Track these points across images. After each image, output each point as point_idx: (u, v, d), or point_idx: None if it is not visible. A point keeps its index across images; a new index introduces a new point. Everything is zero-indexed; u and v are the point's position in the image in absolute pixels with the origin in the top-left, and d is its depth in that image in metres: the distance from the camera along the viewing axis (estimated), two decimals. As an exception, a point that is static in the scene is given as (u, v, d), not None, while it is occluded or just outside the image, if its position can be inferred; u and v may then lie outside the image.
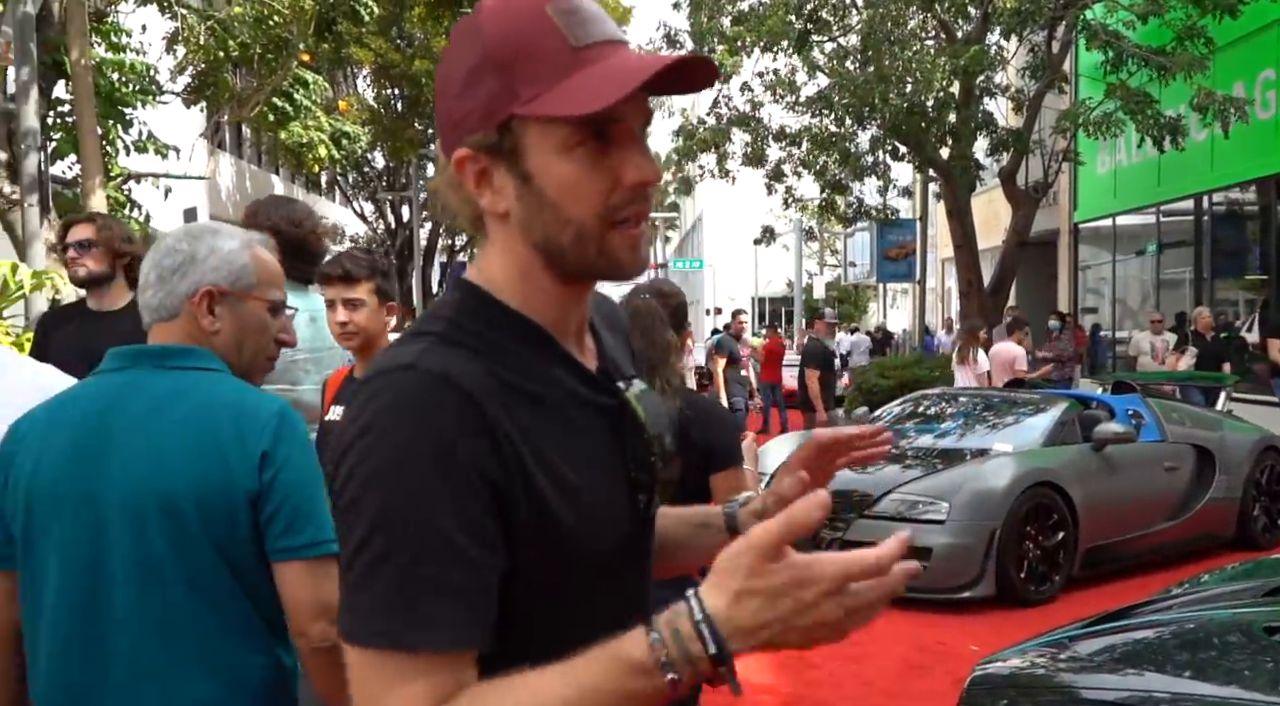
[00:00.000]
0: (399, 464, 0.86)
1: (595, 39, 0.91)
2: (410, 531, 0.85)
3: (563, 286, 0.97)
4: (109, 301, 3.47)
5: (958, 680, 4.50)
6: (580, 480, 0.94)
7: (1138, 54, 11.96)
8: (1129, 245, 16.85)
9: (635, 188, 0.93)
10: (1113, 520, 6.32)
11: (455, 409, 0.87)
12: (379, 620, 0.85)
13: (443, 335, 0.94)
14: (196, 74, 11.28)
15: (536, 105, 0.89)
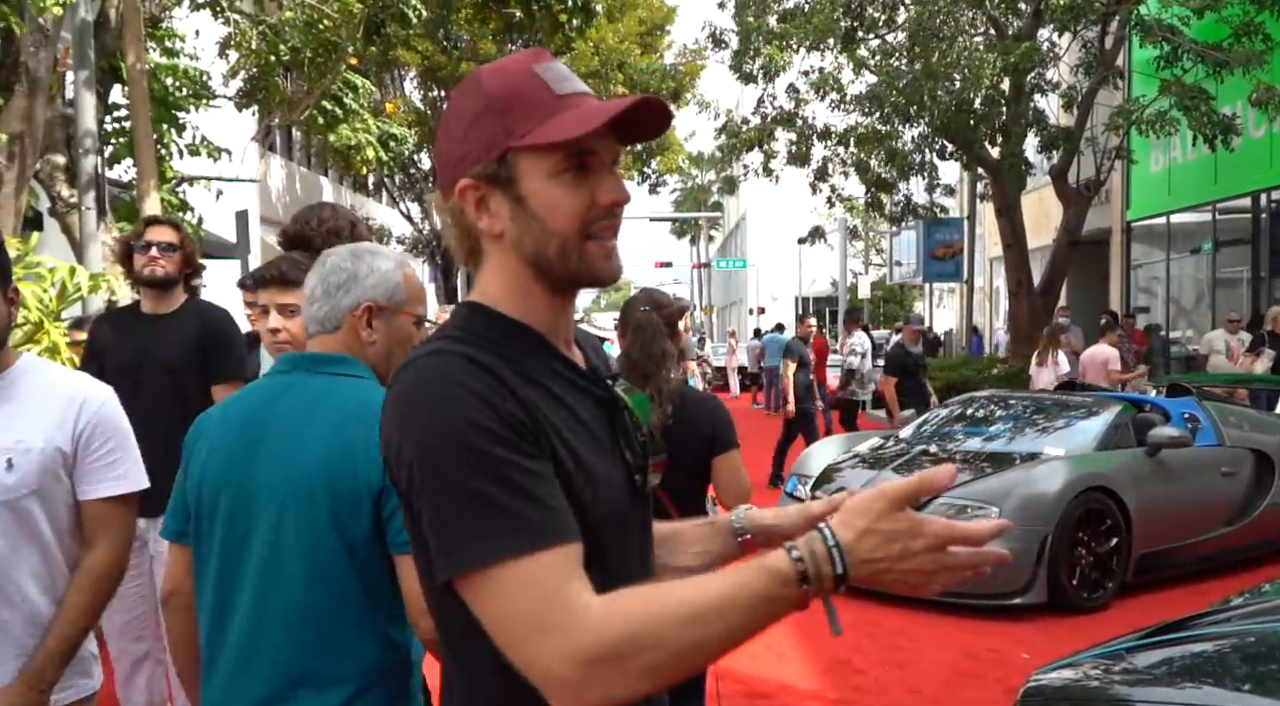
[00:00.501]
0: (450, 419, 1.00)
1: (571, 91, 1.12)
2: (479, 470, 0.99)
3: (552, 296, 1.15)
4: (165, 305, 3.53)
5: (1008, 689, 4.44)
6: (585, 453, 1.09)
7: (1193, 49, 11.68)
8: (1183, 244, 16.48)
9: (608, 206, 1.12)
10: (1168, 526, 6.18)
11: (483, 378, 1.03)
12: (498, 537, 0.97)
13: (455, 338, 1.10)
14: (248, 78, 11.47)
15: (529, 138, 1.09)
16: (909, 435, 7.27)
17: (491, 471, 0.99)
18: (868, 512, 0.99)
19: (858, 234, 30.65)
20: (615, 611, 0.97)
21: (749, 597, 0.97)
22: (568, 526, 1.01)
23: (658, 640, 0.96)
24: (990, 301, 26.11)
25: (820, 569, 0.98)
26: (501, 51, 21.57)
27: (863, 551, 0.98)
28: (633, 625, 0.96)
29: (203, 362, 3.48)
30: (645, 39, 21.94)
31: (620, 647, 0.95)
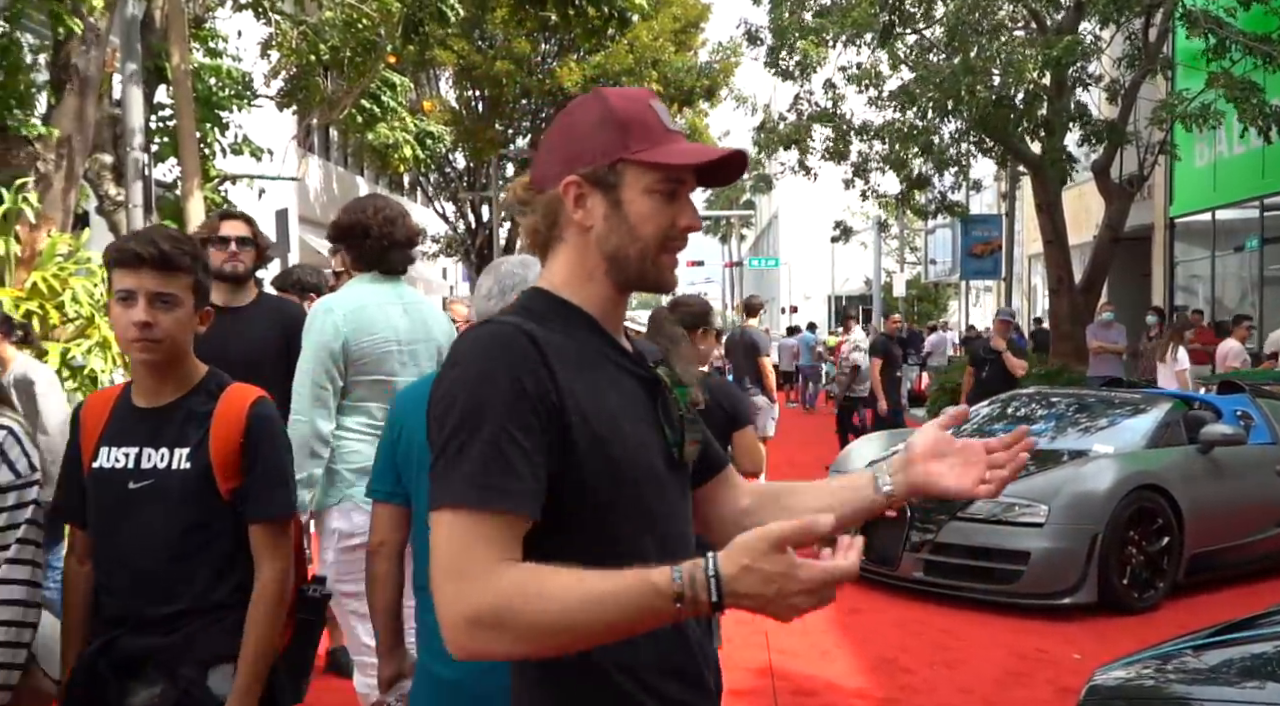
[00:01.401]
0: (481, 383, 1.19)
1: (676, 129, 1.35)
2: (487, 429, 1.16)
3: (614, 290, 1.34)
4: (240, 298, 3.54)
5: (1059, 689, 4.38)
6: (622, 419, 1.26)
7: (1241, 41, 11.45)
8: (1228, 240, 16.17)
9: (684, 229, 1.33)
10: (1220, 525, 6.05)
11: (523, 348, 1.21)
12: (464, 489, 1.15)
13: (518, 313, 1.30)
14: (289, 78, 11.58)
15: (642, 154, 1.29)
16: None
17: (487, 434, 1.16)
18: (751, 551, 1.08)
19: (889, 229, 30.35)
20: (510, 582, 1.12)
21: (626, 603, 1.10)
22: (523, 500, 1.16)
23: (534, 618, 1.10)
24: (1028, 299, 25.79)
25: (696, 594, 1.09)
26: (536, 51, 21.65)
27: (740, 586, 1.09)
28: (516, 600, 1.10)
29: (286, 356, 3.43)
30: (679, 37, 21.88)
31: (500, 614, 1.11)
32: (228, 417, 1.97)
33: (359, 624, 3.02)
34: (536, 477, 1.18)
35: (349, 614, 3.05)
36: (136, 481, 1.95)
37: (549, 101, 22.13)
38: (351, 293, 3.06)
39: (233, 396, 2.01)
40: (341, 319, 2.98)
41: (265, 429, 2.00)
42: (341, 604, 3.04)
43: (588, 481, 1.22)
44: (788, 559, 1.08)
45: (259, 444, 1.98)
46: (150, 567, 1.93)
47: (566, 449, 1.20)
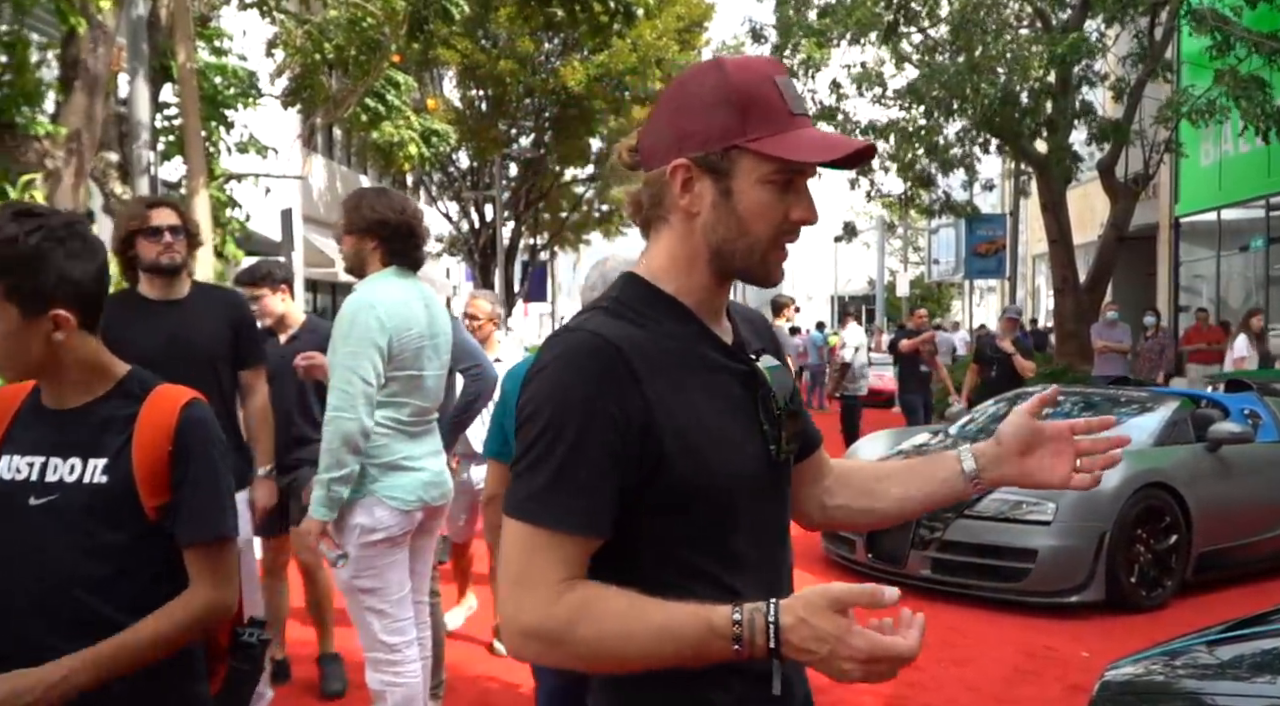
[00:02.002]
0: (561, 396, 1.16)
1: (802, 111, 1.23)
2: (562, 447, 1.14)
3: (713, 278, 1.26)
4: (175, 290, 3.34)
5: (1068, 686, 4.37)
6: (714, 423, 1.21)
7: (1247, 38, 11.43)
8: (1233, 240, 16.14)
9: (798, 223, 1.24)
10: (1229, 523, 6.04)
11: (606, 361, 1.16)
12: (535, 505, 1.15)
13: (608, 309, 1.24)
14: (294, 77, 11.59)
15: (760, 145, 1.19)
16: (955, 431, 7.17)
17: (561, 452, 1.14)
18: (810, 605, 1.08)
19: (894, 229, 30.36)
20: (568, 605, 1.13)
21: (682, 639, 1.10)
22: (590, 522, 1.16)
23: (589, 642, 1.12)
24: (1032, 299, 25.76)
25: (755, 638, 1.09)
26: (539, 50, 21.65)
27: (794, 638, 1.08)
28: (572, 623, 1.12)
29: (235, 348, 3.44)
30: (683, 35, 21.88)
31: (555, 634, 1.13)
32: (154, 422, 1.66)
33: (375, 620, 3.02)
34: (608, 497, 1.16)
35: (365, 611, 3.04)
36: (39, 496, 1.62)
37: (552, 100, 22.14)
38: (385, 287, 3.04)
39: (160, 399, 1.70)
40: (385, 314, 2.95)
41: (199, 435, 1.69)
42: (359, 600, 3.03)
43: (675, 489, 1.18)
44: (843, 623, 1.07)
45: (191, 452, 1.67)
46: (55, 602, 1.60)
47: (653, 461, 1.17)
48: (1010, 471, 1.41)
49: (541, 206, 26.62)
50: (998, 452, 1.41)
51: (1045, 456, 1.40)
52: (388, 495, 3.01)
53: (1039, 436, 1.39)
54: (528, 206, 25.75)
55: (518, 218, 25.70)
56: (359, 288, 3.07)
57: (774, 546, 1.30)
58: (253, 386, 3.57)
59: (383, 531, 3.00)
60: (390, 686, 3.06)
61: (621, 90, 21.59)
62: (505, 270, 24.88)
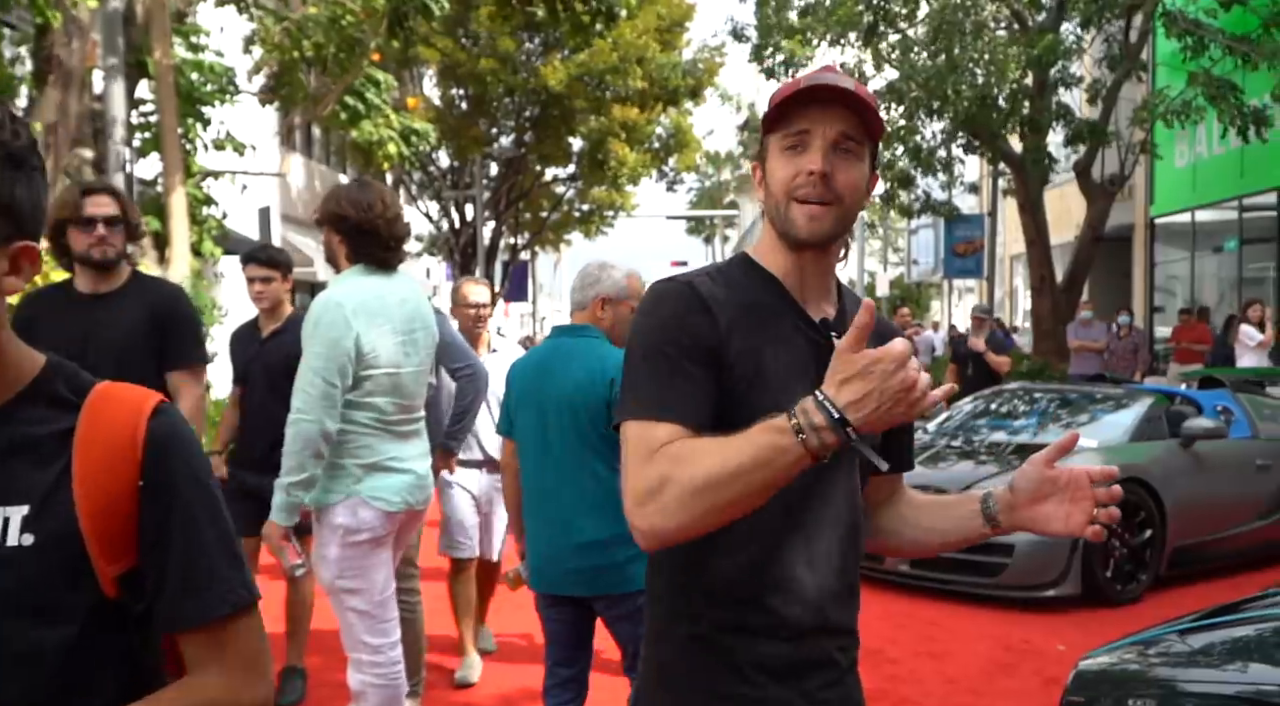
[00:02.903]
0: (648, 324, 1.39)
1: (814, 83, 1.37)
2: (651, 359, 1.36)
3: (790, 253, 1.43)
4: (109, 283, 3.10)
5: (1045, 679, 4.41)
6: (777, 369, 1.37)
7: (1221, 40, 11.57)
8: (1207, 241, 16.33)
9: (806, 175, 1.37)
10: (1202, 518, 6.11)
11: (684, 297, 1.38)
12: (634, 406, 1.35)
13: (708, 272, 1.45)
14: (271, 74, 11.52)
15: (768, 127, 1.41)
16: (934, 428, 7.22)
17: (656, 361, 1.35)
18: (835, 370, 1.20)
19: (876, 229, 30.47)
20: (664, 455, 1.28)
21: (757, 448, 1.21)
22: (683, 410, 1.32)
23: (684, 481, 1.24)
24: (1010, 299, 25.95)
25: (812, 420, 1.18)
26: (520, 49, 21.61)
27: (848, 395, 1.17)
28: (667, 469, 1.26)
29: (153, 343, 3.08)
30: (664, 35, 21.89)
31: (655, 485, 1.26)
32: (105, 442, 1.07)
33: (358, 621, 2.99)
34: (696, 391, 1.33)
35: (348, 611, 3.00)
36: None
37: (533, 100, 22.09)
38: (355, 286, 2.97)
39: (108, 404, 1.10)
40: (351, 312, 2.88)
41: (180, 455, 1.10)
42: (341, 601, 2.99)
43: (736, 425, 1.27)
44: (864, 353, 1.18)
45: (174, 484, 1.08)
46: None
47: (721, 386, 1.35)
48: (1023, 517, 1.44)
49: (522, 206, 26.56)
50: (1010, 500, 1.45)
51: (1062, 503, 1.41)
52: (372, 496, 2.96)
53: (1053, 484, 1.41)
54: (508, 206, 25.69)
55: (498, 217, 25.63)
56: (329, 285, 3.04)
57: (828, 508, 1.42)
58: (180, 389, 3.16)
59: (366, 532, 2.95)
60: (371, 686, 3.02)
61: (603, 89, 21.58)
62: (486, 270, 24.81)
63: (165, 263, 8.45)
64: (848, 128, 1.36)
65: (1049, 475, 1.41)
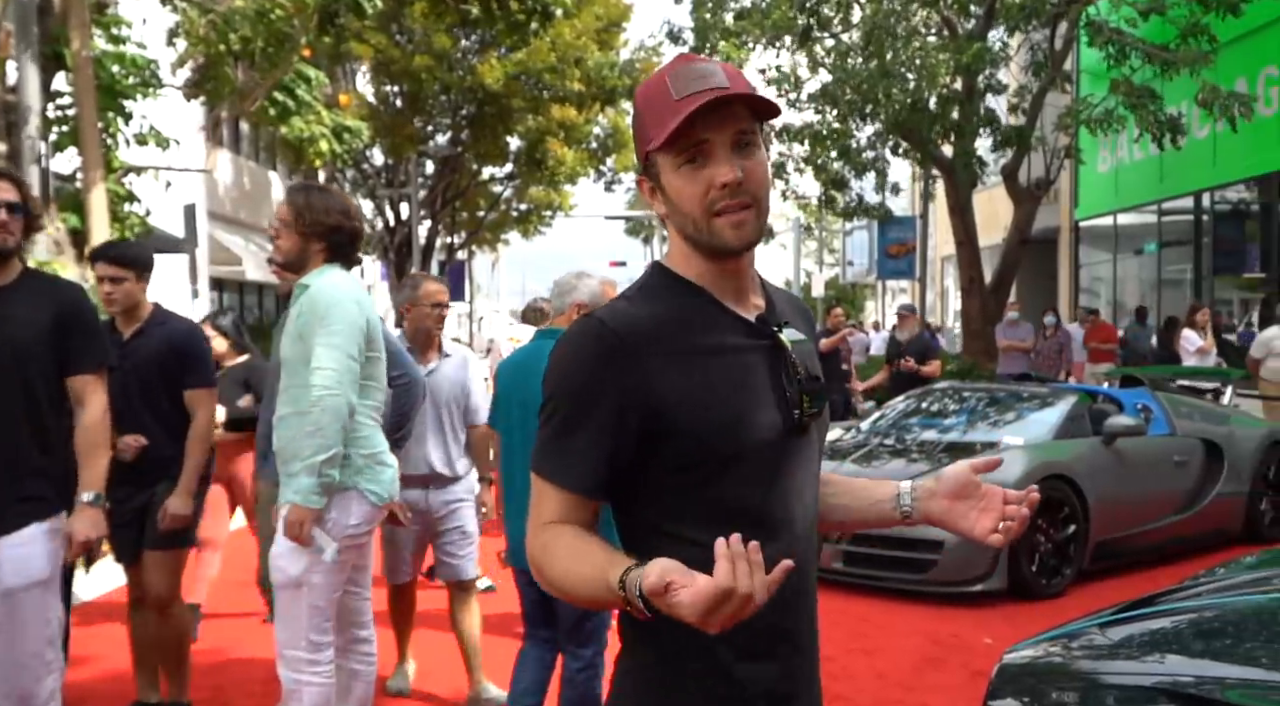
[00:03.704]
0: (566, 372, 1.36)
1: (690, 91, 1.31)
2: (562, 415, 1.35)
3: (708, 260, 1.39)
4: (2, 276, 2.87)
5: (973, 672, 4.48)
6: (724, 393, 1.34)
7: (1140, 49, 11.94)
8: (1129, 244, 16.85)
9: (722, 187, 1.32)
10: (1123, 513, 6.28)
11: (604, 344, 1.33)
12: (539, 456, 1.38)
13: (629, 296, 1.41)
14: (197, 68, 11.22)
15: (652, 144, 1.34)
16: (868, 427, 7.31)
17: (561, 419, 1.36)
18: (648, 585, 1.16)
19: (811, 231, 30.82)
20: (540, 541, 1.36)
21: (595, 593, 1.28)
22: (579, 481, 1.36)
23: (548, 576, 1.34)
24: (942, 300, 26.49)
25: (633, 603, 1.21)
26: (456, 47, 21.40)
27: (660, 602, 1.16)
28: (540, 559, 1.35)
29: (60, 348, 2.86)
30: (602, 35, 21.89)
31: (535, 563, 1.37)
32: None
33: (309, 617, 2.97)
34: (597, 462, 1.34)
35: (303, 605, 2.96)
36: None
37: (470, 98, 21.89)
38: (344, 277, 3.06)
39: None
40: (360, 299, 2.98)
41: None
42: (300, 595, 2.95)
43: (688, 452, 1.32)
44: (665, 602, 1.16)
45: None
46: None
47: (657, 428, 1.32)
48: (936, 509, 1.52)
49: (459, 205, 26.31)
50: (932, 489, 1.53)
51: (973, 509, 1.50)
52: (369, 489, 2.97)
53: (975, 490, 1.50)
54: (444, 205, 25.42)
55: (434, 216, 25.35)
56: (317, 279, 3.02)
57: (800, 508, 1.43)
58: (84, 396, 2.91)
59: (355, 528, 2.95)
60: (307, 686, 2.99)
61: (540, 89, 21.48)
62: (422, 269, 24.52)
63: (85, 261, 8.17)
64: (742, 123, 1.33)
65: (975, 481, 1.50)
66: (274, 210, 3.27)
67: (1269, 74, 12.30)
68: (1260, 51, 12.36)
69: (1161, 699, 2.25)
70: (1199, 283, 14.66)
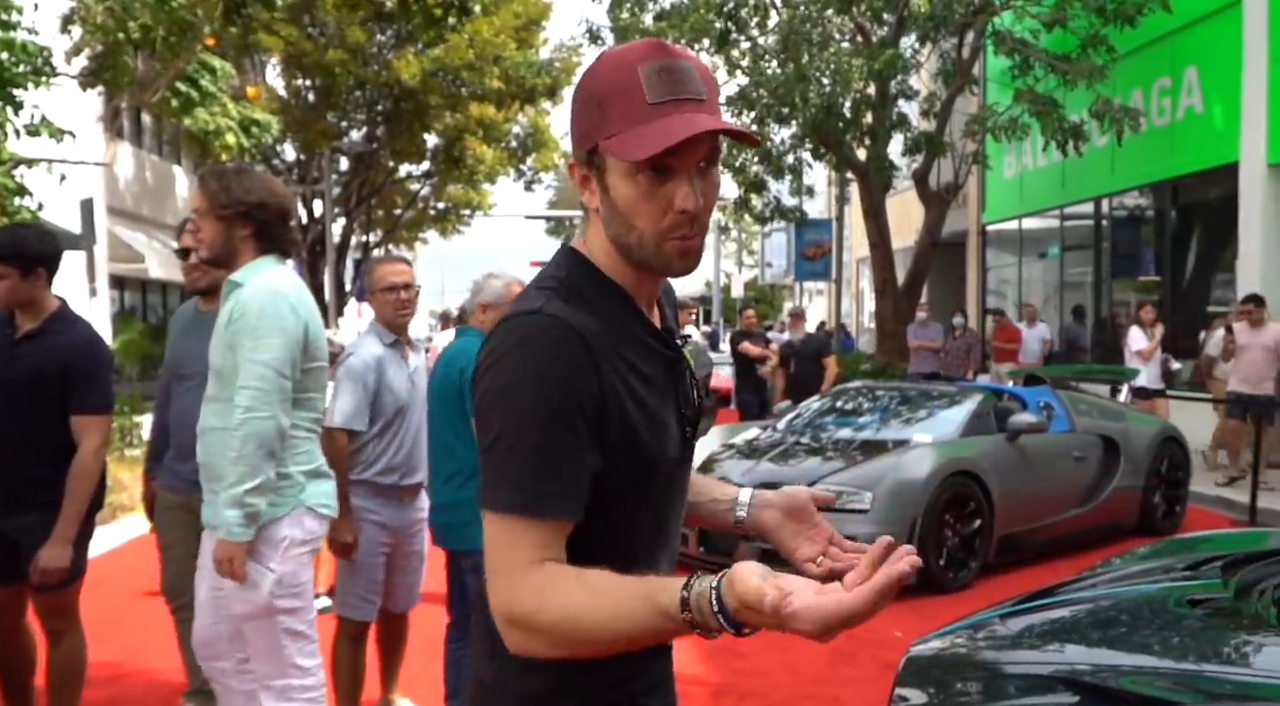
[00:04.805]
0: (530, 383, 1.16)
1: (668, 97, 1.18)
2: (537, 433, 1.15)
3: (630, 267, 1.27)
4: None
5: (883, 665, 4.56)
6: (651, 405, 1.26)
7: (1043, 60, 12.35)
8: (1034, 247, 17.41)
9: (681, 214, 1.20)
10: (1026, 508, 6.48)
11: (571, 347, 1.18)
12: (513, 494, 1.16)
13: (558, 290, 1.24)
14: (94, 56, 10.75)
15: (609, 143, 1.19)
16: (784, 426, 7.40)
17: (536, 438, 1.15)
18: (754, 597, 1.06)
19: (729, 232, 31.12)
20: (534, 587, 1.15)
21: (638, 624, 1.12)
22: (568, 506, 1.18)
23: (550, 628, 1.14)
24: (856, 301, 27.02)
25: (707, 621, 1.09)
26: (371, 41, 20.99)
27: (743, 618, 1.08)
28: (536, 609, 1.14)
29: None
30: (521, 34, 21.72)
31: (525, 619, 1.15)
32: None
33: (292, 643, 2.75)
34: (581, 480, 1.18)
35: (282, 633, 2.74)
36: None
37: (385, 94, 21.50)
38: (283, 274, 2.78)
39: None
40: (296, 302, 2.71)
41: None
42: (276, 623, 2.73)
43: (616, 471, 1.22)
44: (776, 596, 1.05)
45: None
46: None
47: (605, 444, 1.20)
48: (770, 521, 1.48)
49: (374, 203, 25.82)
50: (770, 501, 1.49)
51: (801, 533, 1.47)
52: (317, 503, 2.78)
53: (809, 516, 1.47)
54: (359, 202, 24.92)
55: (349, 214, 24.83)
56: (251, 278, 2.74)
57: (674, 529, 1.39)
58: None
59: (311, 543, 2.77)
60: None
61: (459, 86, 21.21)
62: (336, 268, 23.98)
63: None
64: (714, 142, 1.23)
65: (809, 506, 1.48)
66: (179, 205, 3.04)
67: (1163, 85, 12.84)
68: (1156, 63, 12.90)
69: (1060, 687, 2.31)
70: (1099, 285, 15.24)
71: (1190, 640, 2.38)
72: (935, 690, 2.67)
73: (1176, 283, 12.94)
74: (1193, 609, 2.50)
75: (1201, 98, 12.16)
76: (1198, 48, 12.18)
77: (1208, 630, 2.40)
